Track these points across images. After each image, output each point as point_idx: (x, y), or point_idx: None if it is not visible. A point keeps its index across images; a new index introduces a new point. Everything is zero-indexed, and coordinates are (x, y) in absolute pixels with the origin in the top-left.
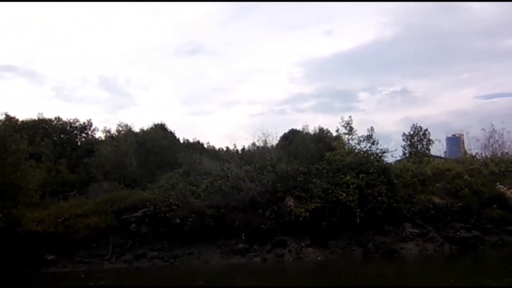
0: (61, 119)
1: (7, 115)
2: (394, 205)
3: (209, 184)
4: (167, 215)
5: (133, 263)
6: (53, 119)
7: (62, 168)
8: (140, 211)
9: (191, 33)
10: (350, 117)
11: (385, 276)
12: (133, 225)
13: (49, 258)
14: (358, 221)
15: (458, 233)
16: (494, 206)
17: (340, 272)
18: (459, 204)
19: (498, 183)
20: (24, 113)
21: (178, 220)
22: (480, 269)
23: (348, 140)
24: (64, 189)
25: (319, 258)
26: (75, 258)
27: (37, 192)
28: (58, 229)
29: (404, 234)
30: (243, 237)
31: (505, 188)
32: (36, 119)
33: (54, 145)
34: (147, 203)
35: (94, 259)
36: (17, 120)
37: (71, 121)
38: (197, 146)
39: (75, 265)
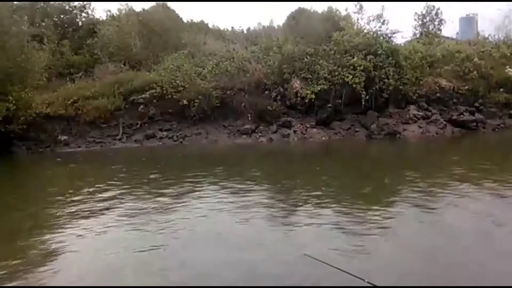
0: None
1: None
2: (401, 87)
3: (214, 66)
4: (174, 96)
5: (144, 142)
6: None
7: (65, 50)
8: (148, 93)
9: None
10: None
11: (386, 153)
12: (141, 106)
13: (62, 138)
14: (363, 103)
15: (461, 115)
16: (501, 89)
17: (342, 150)
18: (466, 87)
19: (507, 67)
20: None
21: (185, 102)
22: (479, 149)
23: (358, 19)
24: (70, 71)
25: (323, 138)
26: (87, 138)
27: (43, 74)
28: (68, 111)
29: (408, 116)
30: (250, 118)
31: None
32: None
33: (55, 26)
34: (154, 84)
35: (106, 139)
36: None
37: None
38: (201, 25)
39: (88, 145)
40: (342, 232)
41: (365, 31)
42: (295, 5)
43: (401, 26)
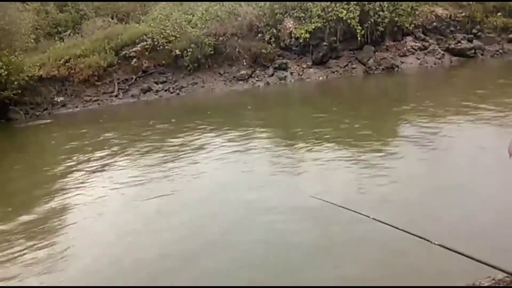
0: None
1: None
2: (396, 19)
3: (204, 12)
4: (166, 47)
5: (141, 97)
6: None
7: (50, 8)
8: (139, 46)
9: None
10: None
11: (385, 86)
12: (134, 60)
13: (58, 100)
14: (359, 38)
15: (459, 44)
16: (499, 14)
17: (340, 87)
18: (463, 14)
19: None
20: None
21: (178, 51)
22: (479, 76)
23: None
24: (57, 30)
25: (320, 78)
26: (83, 98)
27: (31, 36)
28: (60, 71)
29: (405, 48)
30: (245, 63)
31: None
32: None
33: None
34: (144, 36)
35: (102, 96)
36: None
37: None
38: None
39: (85, 104)
40: (344, 171)
41: None
42: None
43: None
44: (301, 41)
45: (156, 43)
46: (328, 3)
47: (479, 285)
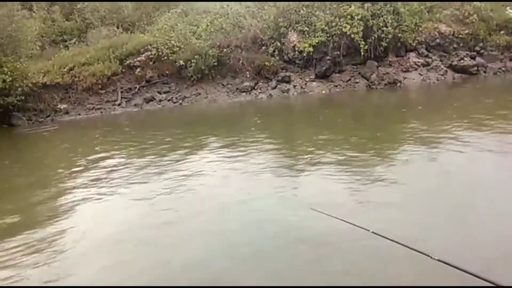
0: None
1: None
2: (400, 35)
3: (209, 23)
4: (170, 57)
5: (143, 106)
6: None
7: (56, 16)
8: (143, 55)
9: None
10: None
11: (387, 101)
12: (138, 69)
13: (61, 107)
14: (362, 53)
15: (462, 61)
16: (502, 32)
17: (342, 102)
18: (466, 32)
19: (508, 8)
20: None
21: (181, 62)
22: (481, 92)
23: None
24: (63, 38)
25: (323, 92)
26: (86, 105)
27: (36, 43)
28: (64, 79)
29: (407, 64)
30: (248, 75)
31: None
32: None
33: None
34: (149, 46)
35: (105, 105)
36: None
37: None
38: None
39: (88, 112)
40: (345, 183)
41: None
42: None
43: None
44: (304, 54)
45: (160, 53)
46: (332, 17)
47: None
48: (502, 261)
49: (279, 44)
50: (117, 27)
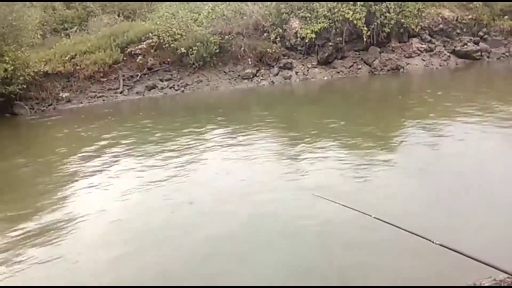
0: None
1: None
2: (402, 20)
3: (210, 10)
4: (172, 45)
5: (145, 94)
6: None
7: (57, 4)
8: (144, 43)
9: None
10: None
11: (389, 87)
12: (139, 57)
13: (63, 95)
14: (365, 39)
15: (465, 46)
16: (506, 17)
17: (344, 88)
18: (469, 17)
19: None
20: None
21: (183, 49)
22: (484, 78)
23: None
24: (64, 27)
25: (325, 78)
26: (88, 93)
27: (38, 32)
28: (66, 67)
29: (410, 50)
30: (250, 62)
31: None
32: None
33: None
34: (150, 34)
35: (107, 93)
36: None
37: None
38: None
39: (90, 100)
40: (347, 168)
41: None
42: None
43: None
44: (306, 41)
45: (161, 41)
46: (335, 3)
47: (479, 285)
48: (502, 245)
49: (281, 30)
50: (118, 15)
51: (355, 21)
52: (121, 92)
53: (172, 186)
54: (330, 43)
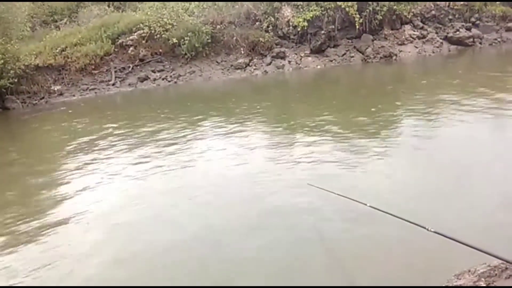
0: None
1: None
2: (395, 7)
3: None
4: (163, 35)
5: (138, 85)
6: None
7: None
8: (135, 34)
9: None
10: None
11: (382, 75)
12: (131, 48)
13: (55, 89)
14: (357, 27)
15: (457, 32)
16: (498, 2)
17: (338, 76)
18: (461, 3)
19: None
20: None
21: (175, 40)
22: (478, 63)
23: None
24: (53, 19)
25: (318, 67)
26: (80, 86)
27: (27, 24)
28: (57, 60)
29: (403, 37)
30: (242, 52)
31: None
32: None
33: None
34: (141, 24)
35: (99, 85)
36: None
37: None
38: None
39: (82, 93)
40: (341, 158)
41: None
42: None
43: None
44: (299, 29)
45: (153, 31)
46: None
47: (474, 271)
48: (495, 231)
49: (273, 19)
50: (108, 6)
51: (347, 9)
52: (113, 84)
53: (166, 176)
54: (323, 31)
